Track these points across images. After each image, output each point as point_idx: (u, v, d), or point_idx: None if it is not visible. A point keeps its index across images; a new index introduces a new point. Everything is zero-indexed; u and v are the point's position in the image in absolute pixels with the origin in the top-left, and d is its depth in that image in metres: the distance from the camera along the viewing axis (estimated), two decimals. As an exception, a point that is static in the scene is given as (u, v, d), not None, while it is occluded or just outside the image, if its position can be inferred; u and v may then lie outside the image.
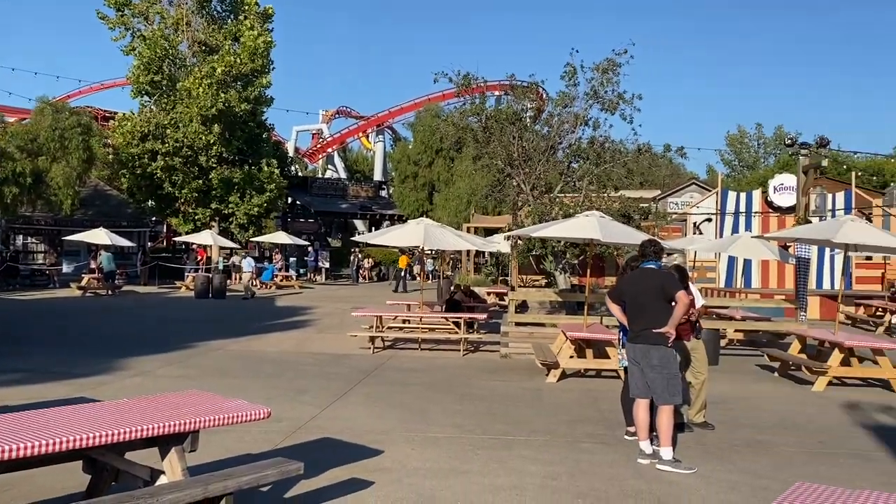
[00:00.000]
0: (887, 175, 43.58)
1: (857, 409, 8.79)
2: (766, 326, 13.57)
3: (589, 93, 15.46)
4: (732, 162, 65.29)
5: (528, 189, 15.58)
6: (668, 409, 6.07)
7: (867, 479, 5.84)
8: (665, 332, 6.09)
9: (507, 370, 11.29)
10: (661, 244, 6.82)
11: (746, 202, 25.86)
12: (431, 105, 45.30)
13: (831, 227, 10.88)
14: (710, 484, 5.62)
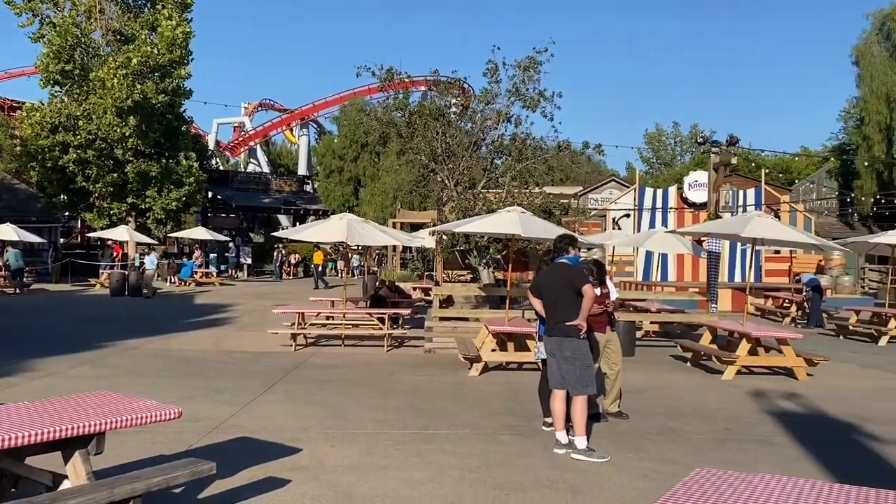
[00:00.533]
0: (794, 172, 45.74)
1: (762, 396, 9.20)
2: (679, 318, 14.06)
3: (511, 90, 15.67)
4: (651, 159, 67.31)
5: (453, 185, 15.68)
6: (582, 399, 6.22)
7: (768, 463, 6.13)
8: (576, 325, 6.22)
9: (431, 365, 11.34)
10: (575, 238, 6.96)
11: (663, 198, 26.69)
12: (357, 99, 44.95)
13: (739, 223, 11.36)
14: (623, 472, 5.79)
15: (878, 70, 34.22)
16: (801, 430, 7.39)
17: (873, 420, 7.84)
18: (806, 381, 10.24)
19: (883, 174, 34.27)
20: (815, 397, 9.14)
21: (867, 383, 10.48)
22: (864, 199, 33.43)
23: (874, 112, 34.18)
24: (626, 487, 5.42)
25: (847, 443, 6.98)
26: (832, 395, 9.27)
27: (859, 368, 11.84)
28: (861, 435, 7.23)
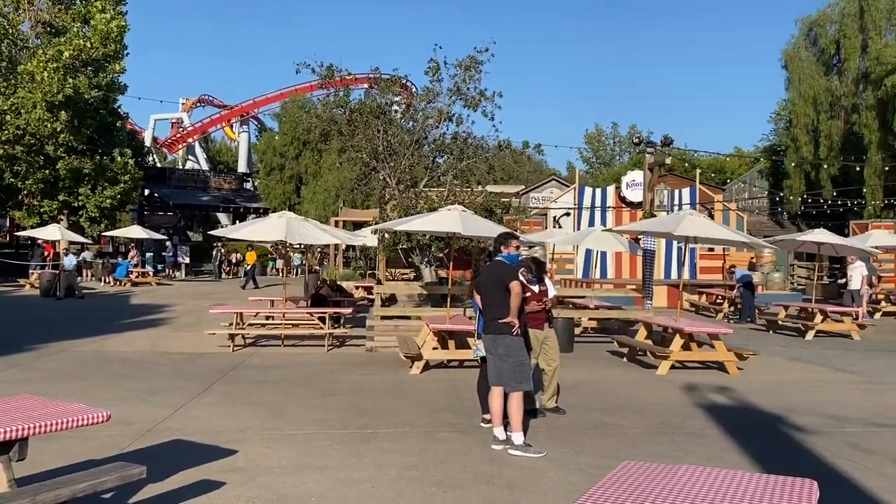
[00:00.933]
0: (728, 172, 47.13)
1: (695, 390, 9.47)
2: (616, 314, 14.36)
3: (452, 89, 15.74)
4: (591, 159, 68.43)
5: (394, 183, 15.66)
6: (518, 395, 6.30)
7: (697, 455, 6.32)
8: (508, 322, 6.29)
9: (372, 364, 11.31)
10: (512, 236, 6.99)
11: (602, 197, 27.21)
12: (299, 96, 44.45)
13: (673, 221, 11.67)
14: (559, 467, 5.89)
15: (805, 74, 35.51)
16: (731, 422, 7.64)
17: (798, 411, 8.15)
18: (736, 375, 10.58)
19: (810, 174, 35.59)
20: (744, 390, 9.45)
21: (794, 376, 10.87)
22: (793, 199, 34.68)
23: (802, 115, 35.48)
24: (562, 482, 5.52)
25: (773, 434, 7.24)
26: (761, 388, 9.60)
27: (787, 362, 12.29)
28: (786, 426, 7.51)
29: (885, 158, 30.92)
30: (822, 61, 35.78)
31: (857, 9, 33.46)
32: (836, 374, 10.97)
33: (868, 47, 32.56)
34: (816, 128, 35.12)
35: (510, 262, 6.74)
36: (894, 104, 30.03)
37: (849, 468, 5.97)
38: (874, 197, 31.38)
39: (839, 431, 7.24)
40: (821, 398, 9.00)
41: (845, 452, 6.45)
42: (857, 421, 7.72)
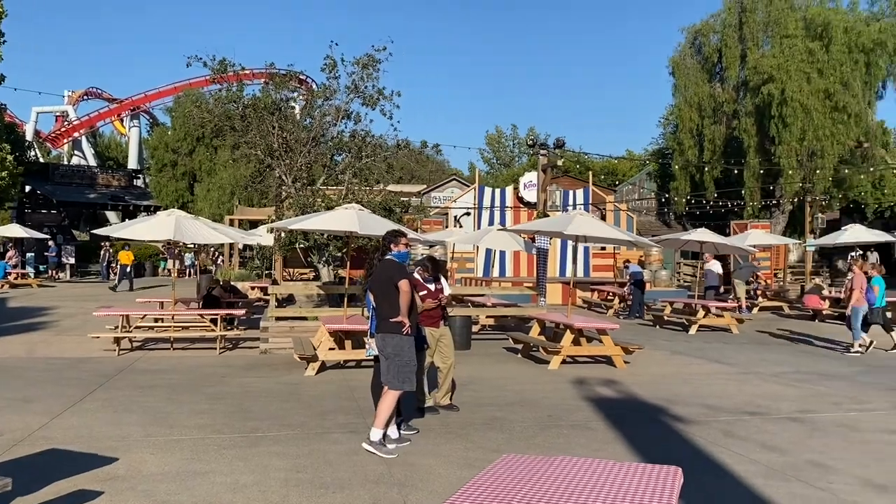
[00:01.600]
0: (619, 174, 48.95)
1: (583, 384, 9.79)
2: (511, 312, 14.65)
3: (350, 86, 15.63)
4: (491, 160, 69.51)
5: (290, 181, 15.40)
6: (394, 394, 6.27)
7: (583, 447, 6.55)
8: (398, 321, 6.30)
9: (266, 366, 11.09)
10: (401, 234, 6.91)
11: (500, 197, 27.76)
12: (192, 90, 42.99)
13: (564, 221, 12.03)
14: (450, 463, 5.96)
15: (690, 81, 37.32)
16: (616, 413, 7.94)
17: (678, 402, 8.57)
18: (623, 368, 11.00)
19: (695, 177, 37.44)
20: (630, 383, 9.85)
21: (676, 369, 11.41)
22: (679, 200, 36.40)
23: (687, 119, 37.27)
24: (452, 477, 5.59)
25: (654, 424, 7.58)
26: (645, 381, 10.03)
27: (670, 355, 12.88)
28: (666, 416, 7.88)
29: (761, 162, 32.90)
30: (705, 69, 37.69)
31: (737, 20, 35.44)
32: (713, 366, 11.58)
33: (747, 57, 34.53)
34: (701, 132, 36.98)
35: (400, 260, 6.71)
36: (770, 111, 31.99)
37: (721, 454, 6.33)
38: (752, 198, 33.35)
39: (714, 420, 7.65)
40: (699, 389, 9.49)
41: (719, 440, 6.83)
42: (730, 410, 8.19)
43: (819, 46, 32.14)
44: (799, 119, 31.16)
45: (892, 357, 12.71)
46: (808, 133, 31.23)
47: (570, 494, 2.79)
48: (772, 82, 31.82)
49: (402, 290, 6.33)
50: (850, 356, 12.76)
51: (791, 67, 31.54)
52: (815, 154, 31.59)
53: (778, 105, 31.54)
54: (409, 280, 6.51)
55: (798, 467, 5.95)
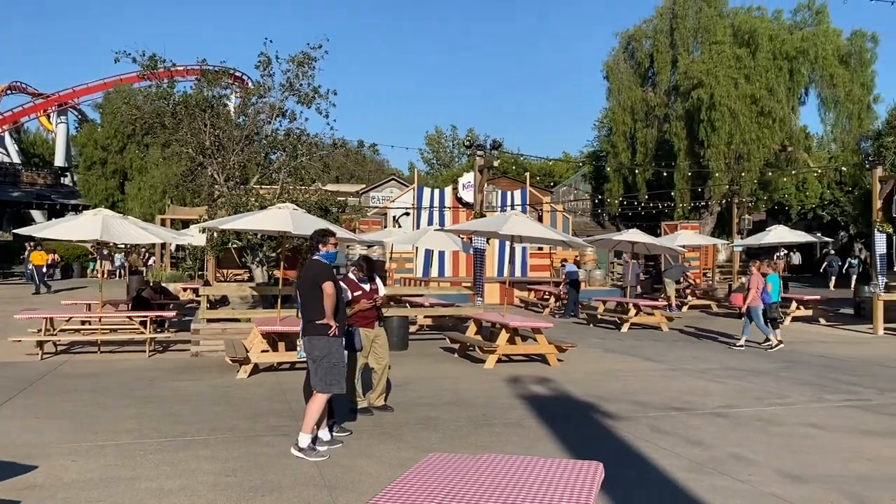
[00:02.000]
0: (556, 176, 49.68)
1: (518, 382, 9.90)
2: (449, 312, 14.71)
3: (285, 84, 15.42)
4: (431, 160, 69.63)
5: (223, 179, 15.10)
6: (322, 398, 6.18)
7: (515, 444, 6.63)
8: (324, 323, 6.23)
9: (197, 369, 10.86)
10: (329, 233, 6.76)
11: (440, 198, 27.81)
12: (123, 86, 41.73)
13: (499, 221, 12.14)
14: (382, 463, 5.95)
15: (624, 85, 38.19)
16: (548, 411, 8.07)
17: (609, 399, 8.75)
18: (557, 367, 11.18)
19: (628, 178, 38.33)
20: (563, 380, 10.01)
21: (608, 366, 11.65)
22: (612, 201, 37.19)
23: (621, 123, 38.13)
24: (384, 478, 5.57)
25: (585, 420, 7.73)
26: (578, 378, 10.21)
27: (603, 353, 13.14)
28: (597, 413, 8.04)
29: (691, 165, 33.90)
30: (638, 74, 38.61)
31: (669, 26, 36.42)
32: (644, 363, 11.87)
33: (678, 62, 35.51)
34: (634, 135, 37.87)
35: (328, 260, 6.61)
36: (700, 115, 32.98)
37: (648, 449, 6.49)
38: (683, 200, 34.33)
39: (643, 416, 7.85)
40: (629, 386, 9.72)
41: (647, 435, 7.00)
42: (658, 406, 8.41)
43: (746, 53, 33.28)
44: (727, 123, 32.19)
45: (812, 354, 13.23)
46: (735, 137, 32.30)
47: (493, 491, 2.83)
48: (701, 87, 32.79)
49: (326, 293, 6.22)
50: (771, 351, 13.29)
51: (719, 73, 32.57)
52: (742, 157, 32.70)
53: (707, 109, 32.52)
54: (335, 281, 6.40)
55: (720, 461, 6.15)
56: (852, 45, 33.91)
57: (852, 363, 11.91)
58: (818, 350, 13.59)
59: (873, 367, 11.54)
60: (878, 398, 8.92)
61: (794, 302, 18.76)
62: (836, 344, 14.60)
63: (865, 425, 7.45)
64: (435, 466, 3.22)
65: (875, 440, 6.85)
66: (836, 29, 34.27)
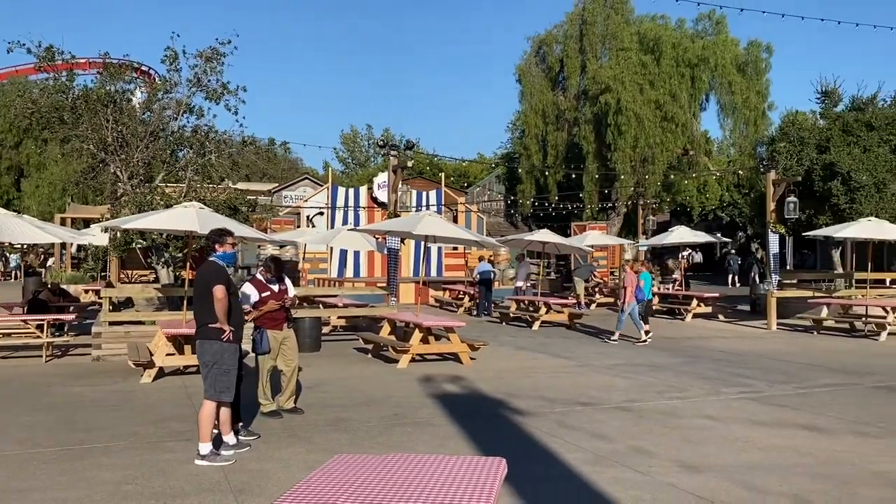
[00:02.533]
0: (471, 177, 50.17)
1: (430, 381, 9.97)
2: (362, 312, 14.66)
3: (192, 80, 15.02)
4: (347, 159, 69.10)
5: (126, 177, 14.57)
6: (211, 405, 6.03)
7: (426, 443, 6.68)
8: (217, 328, 6.06)
9: (98, 374, 10.44)
10: (227, 233, 6.56)
11: (354, 197, 27.63)
12: (18, 78, 39.52)
13: (413, 221, 12.20)
14: (289, 467, 5.88)
15: (535, 88, 38.92)
16: (459, 409, 8.16)
17: (518, 395, 8.93)
18: (469, 365, 11.31)
19: (540, 180, 39.08)
20: (475, 378, 10.14)
21: (519, 363, 11.87)
22: (525, 202, 37.88)
23: (533, 125, 38.85)
24: (292, 481, 5.47)
25: (495, 417, 7.86)
26: (489, 376, 10.36)
27: (514, 350, 13.38)
28: (507, 409, 8.19)
29: (599, 167, 34.91)
30: (549, 77, 39.42)
31: (578, 32, 37.34)
32: (553, 360, 12.16)
33: (587, 67, 36.45)
34: (545, 138, 38.66)
35: (225, 261, 6.39)
36: (607, 119, 33.98)
37: (554, 444, 6.67)
38: (591, 201, 35.31)
39: (550, 412, 8.04)
40: (539, 382, 9.94)
41: (554, 430, 7.19)
42: (565, 401, 8.64)
43: (651, 60, 34.50)
44: (632, 127, 33.29)
45: (711, 349, 13.86)
46: (640, 141, 33.44)
47: (396, 491, 2.86)
48: (609, 92, 33.78)
49: (217, 297, 6.02)
50: (639, 345, 14.04)
51: (626, 79, 33.64)
52: (646, 160, 33.89)
53: (614, 114, 33.54)
54: (227, 285, 6.16)
55: (622, 453, 6.38)
56: (749, 55, 35.66)
57: (747, 357, 12.55)
58: (717, 345, 14.26)
59: (766, 360, 12.19)
60: (769, 390, 9.43)
61: (695, 299, 19.60)
62: (734, 339, 15.36)
63: (757, 416, 7.87)
64: (340, 467, 3.22)
65: (765, 430, 7.25)
66: (734, 39, 35.97)
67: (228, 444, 6.20)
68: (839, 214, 18.81)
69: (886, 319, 15.05)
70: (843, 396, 8.97)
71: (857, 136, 19.25)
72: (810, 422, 7.55)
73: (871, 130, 19.39)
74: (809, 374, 10.74)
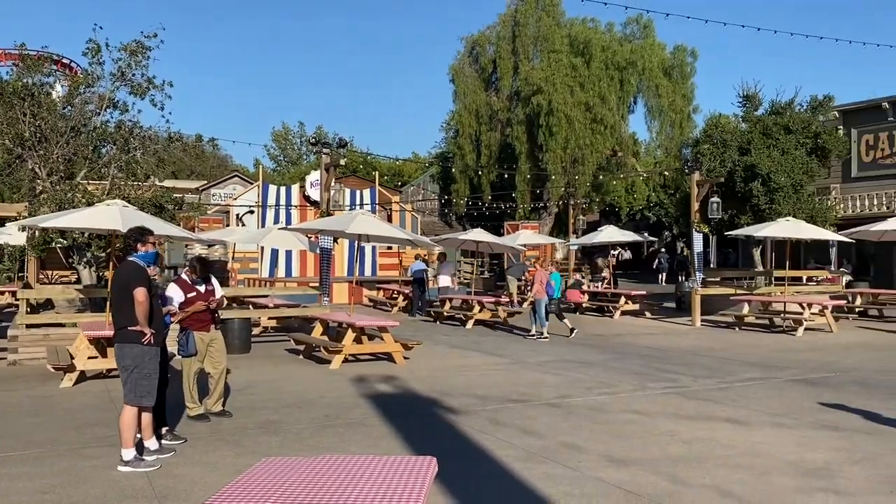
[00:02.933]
0: (405, 176, 50.13)
1: (363, 381, 9.91)
2: (293, 312, 14.46)
3: (116, 73, 14.51)
4: (278, 157, 68.03)
5: (45, 174, 13.96)
6: (132, 410, 5.87)
7: (358, 444, 6.63)
8: (138, 331, 5.89)
9: (14, 379, 9.99)
10: (147, 232, 6.33)
11: (286, 196, 27.22)
12: (-75, 68, 37.41)
13: (345, 220, 12.10)
14: (217, 470, 5.75)
15: (469, 89, 39.17)
16: (392, 409, 8.14)
17: (452, 394, 8.96)
18: (403, 365, 11.29)
19: (474, 180, 39.37)
20: (408, 378, 10.13)
21: (453, 362, 11.91)
22: (459, 201, 38.10)
23: (467, 125, 39.09)
24: (219, 486, 5.32)
25: (428, 416, 7.87)
26: (423, 375, 10.37)
27: (448, 349, 13.43)
28: (440, 408, 8.21)
29: (531, 168, 35.40)
30: (482, 78, 39.73)
31: (511, 33, 37.75)
32: (487, 358, 12.26)
33: (519, 68, 36.89)
34: (479, 138, 38.95)
35: (146, 261, 6.18)
36: (539, 120, 34.47)
37: (486, 441, 6.72)
38: (524, 201, 35.78)
39: (483, 410, 8.10)
40: (472, 380, 10.00)
41: (486, 428, 7.24)
42: (497, 399, 8.71)
43: (581, 62, 35.15)
44: (563, 129, 33.86)
45: (639, 345, 14.22)
46: (571, 142, 34.04)
47: (324, 493, 2.82)
48: (540, 94, 34.27)
49: (138, 300, 5.83)
50: (540, 341, 14.46)
51: (557, 80, 34.18)
52: (577, 161, 34.53)
53: (545, 115, 34.04)
54: (149, 286, 5.99)
55: (553, 449, 6.47)
56: (675, 59, 36.71)
57: (673, 353, 12.93)
58: (644, 342, 14.63)
59: (690, 356, 12.58)
60: (694, 384, 9.74)
61: (623, 297, 20.06)
62: (660, 335, 15.79)
63: (683, 410, 8.11)
64: (268, 471, 3.16)
65: (690, 423, 7.47)
66: (661, 43, 36.97)
67: (150, 450, 6.01)
68: (759, 214, 19.57)
69: (803, 315, 15.73)
70: (763, 390, 9.33)
71: (776, 139, 20.06)
72: (732, 415, 7.83)
73: (789, 134, 20.25)
74: (731, 368, 11.13)
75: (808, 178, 20.25)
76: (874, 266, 26.63)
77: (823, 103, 21.72)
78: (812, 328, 15.88)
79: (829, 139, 20.96)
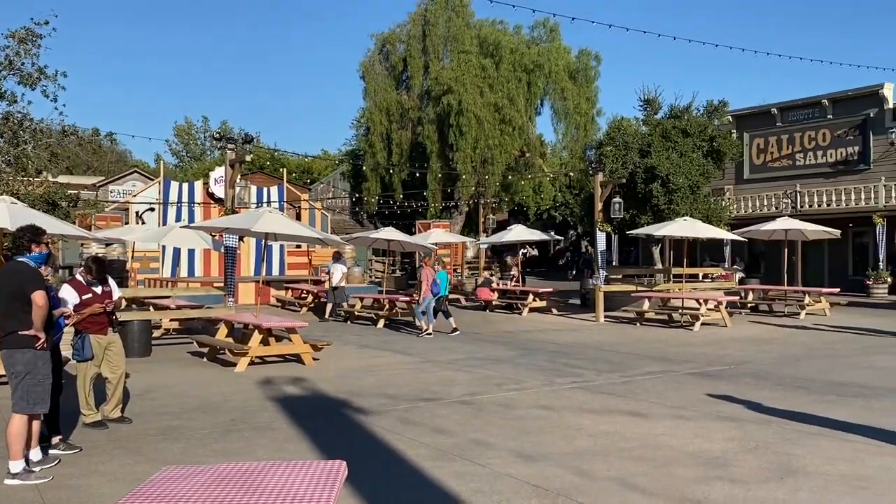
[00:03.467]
0: (315, 173, 49.45)
1: (271, 384, 9.69)
2: (197, 314, 14.01)
3: (3, 62, 13.67)
4: (181, 152, 65.78)
5: (-77, 168, 13.02)
6: (22, 418, 5.56)
7: (265, 448, 6.47)
8: (32, 335, 5.57)
9: None
10: (40, 232, 6.00)
11: (189, 193, 26.32)
12: None
13: (251, 218, 11.80)
14: (115, 480, 5.49)
15: (380, 87, 39.04)
16: (301, 411, 7.99)
17: (362, 394, 8.88)
18: (312, 366, 11.11)
19: (385, 178, 39.27)
20: (317, 379, 9.97)
21: (363, 362, 11.82)
22: (370, 199, 37.93)
23: (378, 123, 38.94)
24: (117, 496, 5.09)
25: (337, 418, 7.76)
26: (332, 376, 10.24)
27: (358, 349, 13.32)
28: (350, 409, 8.12)
29: (442, 167, 35.61)
30: (393, 76, 39.67)
31: (421, 32, 37.87)
32: (397, 357, 12.23)
33: (430, 68, 37.08)
34: (390, 136, 38.86)
35: (37, 262, 5.84)
36: (449, 120, 34.73)
37: (397, 441, 6.69)
38: (435, 200, 35.97)
39: (393, 409, 8.07)
40: (382, 380, 9.95)
41: (396, 427, 7.21)
42: (408, 398, 8.70)
43: (491, 64, 35.63)
44: (473, 129, 34.23)
45: (546, 341, 14.50)
46: (480, 142, 34.46)
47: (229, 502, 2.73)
48: (451, 93, 34.52)
49: (37, 304, 5.52)
50: (426, 338, 14.74)
51: (467, 81, 34.52)
52: (486, 161, 34.99)
53: (456, 115, 34.32)
54: (46, 289, 5.69)
55: (463, 447, 6.51)
56: (580, 63, 37.73)
57: (578, 348, 13.26)
58: (551, 338, 14.95)
59: (595, 351, 12.94)
60: (598, 379, 10.01)
61: (531, 294, 20.44)
62: (566, 331, 16.17)
63: (588, 405, 8.32)
64: (168, 480, 3.03)
65: (595, 417, 7.67)
66: (567, 47, 37.93)
67: (34, 461, 5.67)
68: (659, 214, 20.35)
69: (700, 311, 16.45)
70: (663, 383, 9.69)
71: (674, 141, 20.91)
72: (634, 408, 8.09)
73: (687, 137, 21.14)
74: (633, 362, 11.52)
75: (704, 180, 21.19)
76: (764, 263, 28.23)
77: (719, 108, 22.80)
78: (708, 323, 16.62)
79: (723, 142, 22.02)
